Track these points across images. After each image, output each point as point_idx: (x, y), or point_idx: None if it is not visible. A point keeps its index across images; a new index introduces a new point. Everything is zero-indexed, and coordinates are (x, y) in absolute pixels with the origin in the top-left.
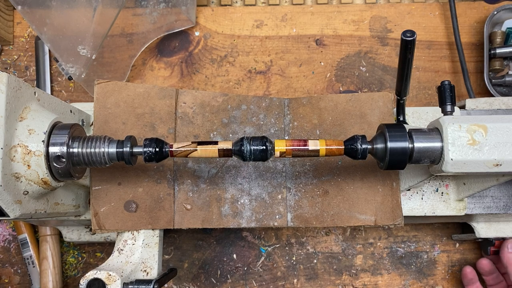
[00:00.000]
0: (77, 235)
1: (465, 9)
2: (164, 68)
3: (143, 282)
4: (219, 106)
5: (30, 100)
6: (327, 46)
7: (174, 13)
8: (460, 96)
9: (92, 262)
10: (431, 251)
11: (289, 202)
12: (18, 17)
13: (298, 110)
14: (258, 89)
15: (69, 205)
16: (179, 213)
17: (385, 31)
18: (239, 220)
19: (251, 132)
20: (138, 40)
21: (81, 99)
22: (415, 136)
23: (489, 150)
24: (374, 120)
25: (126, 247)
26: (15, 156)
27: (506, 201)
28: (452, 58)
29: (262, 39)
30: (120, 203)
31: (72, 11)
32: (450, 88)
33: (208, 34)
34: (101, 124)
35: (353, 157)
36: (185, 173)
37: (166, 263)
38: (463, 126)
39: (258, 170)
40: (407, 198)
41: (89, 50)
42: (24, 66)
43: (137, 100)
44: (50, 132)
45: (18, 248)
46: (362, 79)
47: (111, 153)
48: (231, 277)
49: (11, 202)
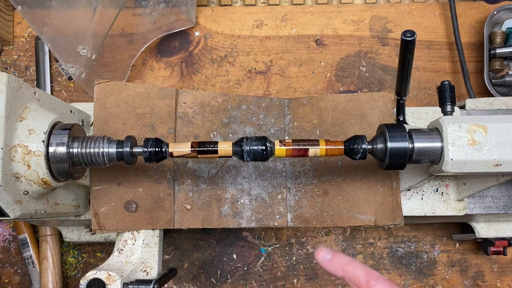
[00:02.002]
0: (77, 235)
1: (465, 9)
2: (164, 68)
3: (143, 282)
4: (219, 106)
5: (30, 100)
6: (327, 46)
7: (174, 13)
8: (460, 96)
9: (92, 262)
10: (431, 251)
11: (289, 202)
12: (18, 17)
13: (298, 110)
14: (258, 89)
15: (69, 205)
16: (179, 213)
17: (385, 31)
18: (239, 220)
19: (251, 132)
20: (138, 40)
21: (81, 99)
22: (415, 136)
23: (489, 150)
24: (374, 120)
25: (126, 247)
26: (15, 156)
27: (506, 201)
28: (452, 58)
29: (262, 39)
30: (120, 203)
31: (72, 11)
32: (450, 88)
33: (208, 34)
34: (101, 124)
35: (353, 157)
36: (185, 173)
37: (166, 263)
38: (463, 126)
39: (258, 170)
40: (407, 198)
41: (89, 50)
42: (24, 66)
43: (137, 100)
44: (50, 132)
45: (18, 248)
46: (362, 79)
47: (111, 153)
48: (231, 277)
49: (11, 202)
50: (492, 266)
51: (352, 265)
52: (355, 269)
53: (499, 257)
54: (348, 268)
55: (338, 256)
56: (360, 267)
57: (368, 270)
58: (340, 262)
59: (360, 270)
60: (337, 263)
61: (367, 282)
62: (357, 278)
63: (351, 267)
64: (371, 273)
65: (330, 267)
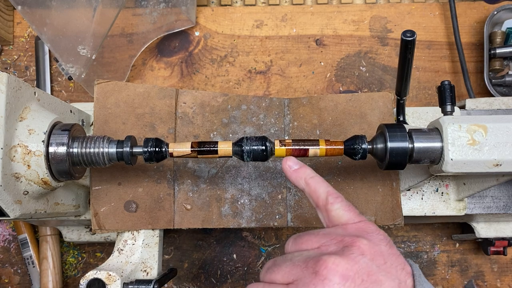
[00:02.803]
0: (77, 235)
1: (465, 9)
2: (164, 68)
3: (143, 282)
4: (219, 106)
5: (30, 100)
6: (327, 46)
7: (174, 13)
8: (460, 96)
9: (92, 262)
10: (431, 251)
11: (289, 202)
12: (18, 17)
13: (298, 110)
14: (258, 89)
15: (69, 205)
16: (179, 213)
17: (385, 31)
18: (239, 220)
19: (251, 132)
20: (138, 40)
21: (81, 99)
22: (415, 136)
23: (489, 150)
24: (374, 120)
25: (126, 247)
26: (15, 156)
27: (506, 201)
28: (452, 58)
29: (262, 39)
30: (120, 203)
31: (72, 11)
32: (450, 88)
33: (208, 34)
34: (101, 124)
35: (353, 157)
36: (185, 173)
37: (166, 263)
38: (463, 126)
39: (258, 170)
40: (407, 198)
41: (89, 50)
42: (24, 66)
43: (137, 100)
44: (50, 132)
45: (18, 248)
46: (362, 79)
47: (111, 153)
48: (231, 277)
49: (11, 202)
50: (492, 266)
51: (316, 180)
52: (317, 185)
53: (499, 257)
54: (311, 181)
55: (305, 168)
56: (323, 184)
57: (330, 188)
58: (305, 175)
59: (322, 186)
60: (302, 175)
61: (326, 199)
62: (318, 194)
63: (314, 182)
64: (332, 192)
65: (294, 177)
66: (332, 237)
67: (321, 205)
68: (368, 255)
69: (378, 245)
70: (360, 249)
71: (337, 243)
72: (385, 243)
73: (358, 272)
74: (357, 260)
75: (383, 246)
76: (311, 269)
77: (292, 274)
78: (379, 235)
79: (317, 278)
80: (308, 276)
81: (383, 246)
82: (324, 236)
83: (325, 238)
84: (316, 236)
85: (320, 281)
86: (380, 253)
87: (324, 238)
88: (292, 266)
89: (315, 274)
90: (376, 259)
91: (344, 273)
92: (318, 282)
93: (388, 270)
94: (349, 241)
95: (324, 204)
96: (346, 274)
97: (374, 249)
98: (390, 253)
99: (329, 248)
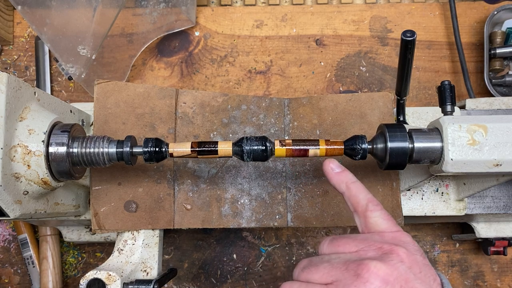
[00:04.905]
0: (77, 235)
1: (465, 9)
2: (164, 68)
3: (143, 282)
4: (219, 106)
5: (30, 100)
6: (327, 46)
7: (174, 13)
8: (460, 96)
9: (92, 262)
10: (431, 251)
11: (289, 202)
12: (18, 17)
13: (298, 110)
14: (258, 89)
15: (69, 205)
16: (179, 213)
17: (385, 31)
18: (239, 220)
19: (251, 132)
20: (138, 40)
21: (81, 99)
22: (415, 136)
23: (489, 150)
24: (374, 120)
25: (126, 247)
26: (15, 156)
27: (506, 201)
28: (452, 58)
29: (262, 39)
30: (120, 203)
31: (72, 11)
32: (450, 88)
33: (208, 34)
34: (101, 124)
35: (353, 157)
36: (185, 173)
37: (166, 263)
38: (463, 126)
39: (258, 170)
40: (407, 198)
41: (89, 50)
42: (24, 66)
43: (137, 100)
44: (50, 132)
45: (18, 248)
46: (362, 79)
47: (111, 153)
48: (231, 277)
49: (11, 202)
50: (492, 266)
51: (357, 186)
52: (358, 190)
53: (499, 257)
54: (352, 186)
55: (347, 172)
56: (364, 190)
57: (370, 195)
58: (347, 179)
59: (363, 193)
60: (344, 178)
61: (366, 205)
62: (358, 199)
63: (355, 187)
64: (372, 199)
65: (335, 180)
66: (370, 243)
67: (360, 210)
68: (406, 263)
69: (414, 255)
70: (399, 256)
71: (376, 249)
72: (420, 253)
73: (397, 278)
74: (397, 267)
75: (419, 256)
76: (352, 272)
77: (331, 275)
78: (414, 245)
79: (359, 280)
80: (349, 278)
81: (419, 256)
82: (362, 241)
83: (363, 244)
84: (354, 241)
85: (362, 283)
86: (416, 262)
87: (362, 243)
88: (331, 267)
89: (357, 277)
90: (413, 268)
91: (385, 278)
92: (360, 284)
93: (423, 279)
94: (388, 248)
95: (364, 211)
96: (387, 279)
97: (411, 258)
98: (424, 264)
99: (367, 253)
